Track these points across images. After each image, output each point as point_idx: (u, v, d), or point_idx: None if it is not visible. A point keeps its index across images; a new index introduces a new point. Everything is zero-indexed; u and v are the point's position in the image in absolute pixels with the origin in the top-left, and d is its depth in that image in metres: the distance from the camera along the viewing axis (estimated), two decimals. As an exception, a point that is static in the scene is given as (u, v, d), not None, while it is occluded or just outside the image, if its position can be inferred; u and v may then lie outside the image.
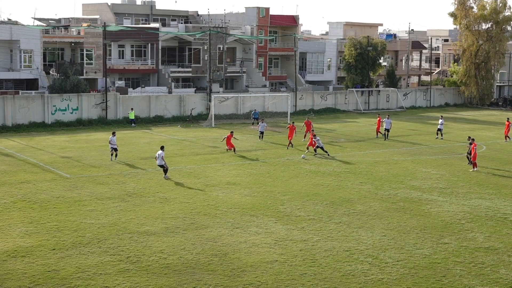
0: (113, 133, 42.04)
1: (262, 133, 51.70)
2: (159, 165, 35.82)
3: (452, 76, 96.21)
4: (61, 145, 47.46)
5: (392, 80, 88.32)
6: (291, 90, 79.21)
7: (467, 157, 41.10)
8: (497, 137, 56.83)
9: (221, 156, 43.73)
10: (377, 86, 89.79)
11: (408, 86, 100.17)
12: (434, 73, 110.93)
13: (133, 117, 60.85)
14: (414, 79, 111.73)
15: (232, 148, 44.71)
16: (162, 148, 36.54)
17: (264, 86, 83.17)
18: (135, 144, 48.16)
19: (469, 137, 42.53)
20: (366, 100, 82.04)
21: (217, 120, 62.82)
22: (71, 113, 60.06)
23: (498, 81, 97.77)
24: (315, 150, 44.23)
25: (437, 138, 54.43)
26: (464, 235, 25.80)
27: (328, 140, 52.34)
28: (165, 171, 35.79)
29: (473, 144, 40.44)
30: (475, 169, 39.79)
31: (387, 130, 53.29)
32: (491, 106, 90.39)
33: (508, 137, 53.91)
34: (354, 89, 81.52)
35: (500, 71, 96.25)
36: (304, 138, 51.46)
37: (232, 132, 45.97)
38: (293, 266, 21.73)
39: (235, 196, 31.87)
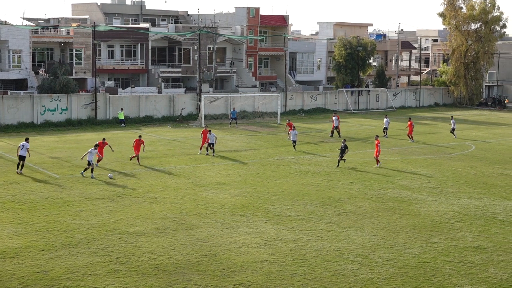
0: (26, 139, 37.65)
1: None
2: (21, 156, 36.18)
3: (441, 76, 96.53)
4: (50, 146, 47.28)
5: (382, 80, 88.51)
6: (281, 90, 79.25)
7: (375, 158, 41.15)
8: (486, 137, 57.07)
9: (211, 156, 43.66)
10: (367, 86, 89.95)
11: (398, 86, 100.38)
12: (423, 73, 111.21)
13: (122, 117, 60.69)
14: (404, 79, 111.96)
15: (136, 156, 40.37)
16: (27, 140, 37.15)
17: (254, 86, 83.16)
18: (124, 144, 48.02)
19: (377, 136, 43.28)
20: (356, 100, 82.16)
21: (207, 120, 62.73)
22: (61, 113, 59.84)
23: (487, 81, 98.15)
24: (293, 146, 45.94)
25: (455, 137, 55.44)
26: (453, 234, 25.89)
27: (318, 140, 52.43)
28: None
29: (377, 141, 40.99)
30: (378, 165, 40.51)
31: (386, 128, 55.22)
32: (480, 106, 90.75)
33: (411, 137, 53.17)
34: (344, 89, 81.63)
35: (489, 71, 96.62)
36: (288, 138, 51.57)
37: (140, 136, 41.48)
38: (283, 266, 21.74)
39: (225, 196, 31.85)
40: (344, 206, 30.26)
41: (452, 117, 59.87)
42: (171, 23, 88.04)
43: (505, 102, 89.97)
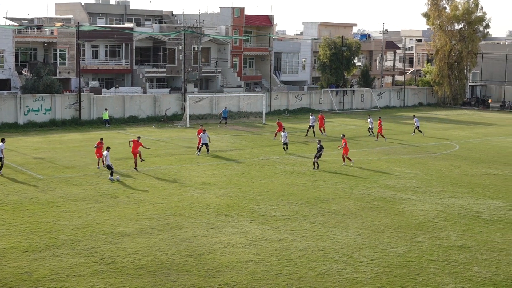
0: (2, 140, 36.87)
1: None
2: None
3: (425, 76, 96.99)
4: (34, 146, 47.00)
5: (366, 80, 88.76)
6: (266, 90, 79.26)
7: (343, 157, 41.22)
8: (470, 136, 57.40)
9: (196, 156, 43.60)
10: (351, 86, 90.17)
11: (382, 86, 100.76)
12: (408, 73, 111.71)
13: (107, 118, 60.44)
14: (388, 79, 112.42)
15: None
16: (2, 140, 36.66)
17: (239, 86, 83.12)
18: (109, 144, 47.67)
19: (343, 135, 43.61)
20: (341, 100, 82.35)
21: (192, 120, 62.64)
22: (44, 113, 59.49)
23: (470, 81, 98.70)
24: (284, 148, 45.22)
25: (418, 134, 56.02)
26: (438, 233, 26.01)
27: (303, 140, 52.50)
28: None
29: (343, 140, 41.25)
30: (344, 164, 40.64)
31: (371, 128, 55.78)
32: (464, 106, 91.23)
33: (383, 136, 53.26)
34: (328, 89, 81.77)
35: (472, 71, 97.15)
36: (275, 137, 51.76)
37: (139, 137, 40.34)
38: (268, 266, 21.74)
39: (210, 196, 31.82)
40: (329, 205, 30.31)
41: (414, 116, 60.67)
42: (156, 23, 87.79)
43: (489, 101, 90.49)
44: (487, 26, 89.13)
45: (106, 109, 61.11)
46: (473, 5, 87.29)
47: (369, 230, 26.30)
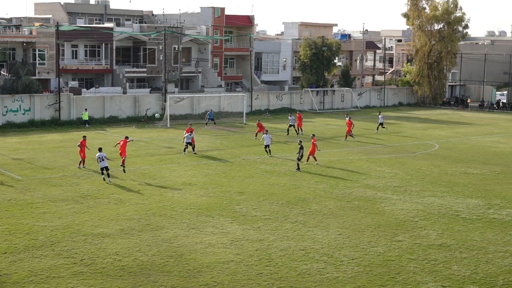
0: None
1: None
2: None
3: (405, 76, 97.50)
4: (13, 147, 46.62)
5: (346, 80, 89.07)
6: (246, 90, 79.24)
7: (312, 157, 41.45)
8: (449, 136, 57.79)
9: (177, 156, 43.52)
10: (332, 86, 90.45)
11: (363, 86, 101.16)
12: (388, 73, 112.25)
13: (87, 118, 60.10)
14: (368, 79, 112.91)
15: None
16: None
17: (220, 86, 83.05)
18: (89, 145, 47.50)
19: (313, 135, 43.41)
20: (321, 100, 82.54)
21: (172, 120, 62.47)
22: (23, 114, 59.02)
23: (450, 80, 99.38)
24: (267, 151, 44.34)
25: (380, 131, 56.91)
26: (418, 232, 26.15)
27: (283, 140, 52.56)
28: None
29: (313, 139, 41.38)
30: (307, 162, 40.80)
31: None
32: (443, 105, 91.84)
33: (351, 135, 53.49)
34: (309, 89, 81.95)
35: (452, 71, 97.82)
36: (256, 137, 51.80)
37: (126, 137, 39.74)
38: (249, 266, 21.74)
39: (191, 196, 31.75)
40: (309, 205, 30.37)
41: (379, 112, 62.24)
42: (136, 23, 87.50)
43: (468, 101, 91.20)
44: (466, 27, 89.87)
45: (86, 110, 60.75)
46: (452, 5, 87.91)
47: (349, 229, 26.38)
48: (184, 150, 44.32)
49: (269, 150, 44.14)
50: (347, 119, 55.83)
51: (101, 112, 63.60)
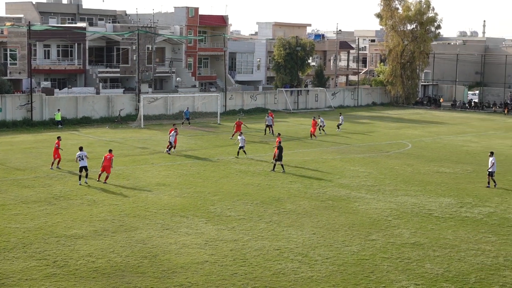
0: None
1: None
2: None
3: (378, 76, 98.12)
4: (-15, 148, 46.07)
5: (320, 79, 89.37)
6: (221, 90, 79.15)
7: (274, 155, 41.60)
8: (422, 135, 58.26)
9: (151, 157, 43.34)
10: (306, 86, 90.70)
11: (336, 85, 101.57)
12: (361, 73, 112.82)
13: (59, 119, 59.57)
14: (342, 79, 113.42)
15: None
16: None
17: (194, 86, 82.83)
18: (62, 146, 47.13)
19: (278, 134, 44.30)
20: (296, 99, 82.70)
21: (146, 120, 62.17)
22: (-5, 114, 58.37)
23: (422, 80, 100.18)
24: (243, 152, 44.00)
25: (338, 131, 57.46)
26: (391, 231, 26.32)
27: (257, 140, 52.57)
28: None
29: (278, 138, 41.51)
30: (272, 162, 40.22)
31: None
32: (416, 105, 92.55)
33: (314, 135, 53.96)
34: (283, 89, 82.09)
35: (424, 70, 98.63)
36: (232, 137, 51.70)
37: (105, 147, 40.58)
38: (224, 266, 21.71)
39: (165, 197, 31.62)
40: (284, 205, 30.41)
41: (340, 113, 63.88)
42: (109, 22, 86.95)
43: (440, 101, 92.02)
44: (439, 27, 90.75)
45: (58, 110, 60.22)
46: (424, 5, 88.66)
47: (323, 229, 26.47)
48: (169, 150, 44.49)
49: (244, 151, 43.78)
50: (313, 119, 55.61)
51: (74, 112, 63.09)
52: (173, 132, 44.72)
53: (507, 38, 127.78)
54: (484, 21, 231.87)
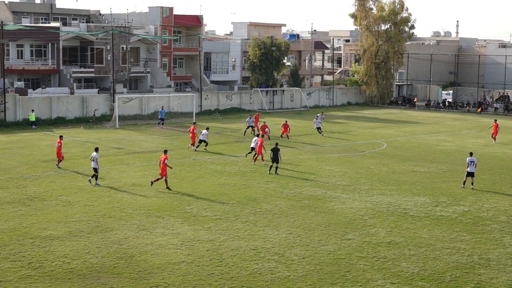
0: None
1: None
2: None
3: (353, 76, 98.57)
4: (-43, 149, 45.50)
5: (296, 79, 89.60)
6: (196, 90, 78.97)
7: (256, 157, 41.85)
8: (397, 135, 58.64)
9: (126, 157, 43.12)
10: (281, 85, 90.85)
11: (312, 85, 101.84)
12: (336, 73, 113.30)
13: (33, 119, 59.03)
14: (317, 79, 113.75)
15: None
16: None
17: (169, 86, 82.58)
18: (36, 146, 46.76)
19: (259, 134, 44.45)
20: (271, 99, 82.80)
21: (121, 121, 61.83)
22: (-33, 115, 57.63)
23: (397, 80, 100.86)
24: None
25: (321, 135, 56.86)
26: (367, 230, 26.45)
27: (233, 140, 52.55)
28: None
29: (260, 140, 41.78)
30: (254, 163, 41.13)
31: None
32: (391, 105, 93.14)
33: (287, 136, 53.81)
34: (259, 89, 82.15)
35: (399, 70, 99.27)
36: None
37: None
38: (200, 266, 21.67)
39: (141, 197, 31.48)
40: (260, 205, 30.43)
41: (322, 112, 64.44)
42: (83, 22, 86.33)
43: (415, 100, 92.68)
44: (412, 27, 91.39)
45: (32, 110, 59.66)
46: (398, 6, 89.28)
47: (300, 228, 26.53)
48: (196, 146, 46.27)
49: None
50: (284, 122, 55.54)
51: (48, 113, 62.56)
52: (203, 130, 46.04)
53: (480, 38, 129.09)
54: (458, 21, 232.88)
